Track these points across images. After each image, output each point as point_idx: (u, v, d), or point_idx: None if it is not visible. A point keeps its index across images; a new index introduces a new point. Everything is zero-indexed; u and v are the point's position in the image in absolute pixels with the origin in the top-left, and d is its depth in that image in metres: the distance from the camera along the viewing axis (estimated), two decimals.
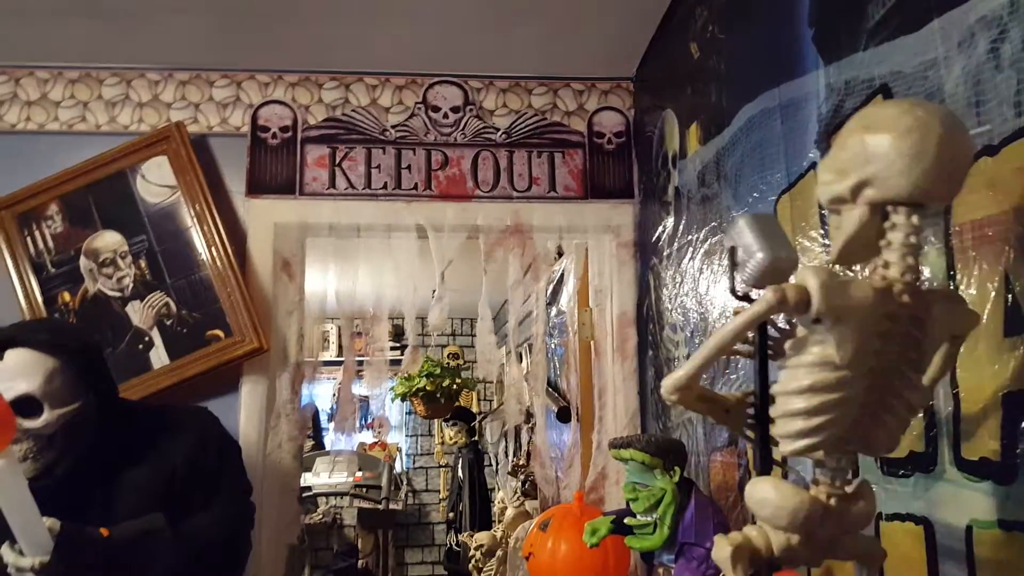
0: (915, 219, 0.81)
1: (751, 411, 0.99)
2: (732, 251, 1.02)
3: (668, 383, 0.91)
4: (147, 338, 2.50)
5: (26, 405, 1.65)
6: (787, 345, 0.90)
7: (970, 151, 0.84)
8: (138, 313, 2.51)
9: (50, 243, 2.56)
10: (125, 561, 1.69)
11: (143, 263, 2.55)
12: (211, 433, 1.98)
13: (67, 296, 2.53)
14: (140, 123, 2.68)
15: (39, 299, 2.51)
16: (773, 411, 0.90)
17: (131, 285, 2.54)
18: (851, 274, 1.17)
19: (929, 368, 0.93)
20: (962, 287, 1.04)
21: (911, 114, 0.80)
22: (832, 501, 0.88)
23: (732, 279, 1.03)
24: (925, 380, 0.93)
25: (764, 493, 0.89)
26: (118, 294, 2.54)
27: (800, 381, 0.86)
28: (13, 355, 1.68)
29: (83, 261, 2.55)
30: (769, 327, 1.00)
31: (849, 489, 0.91)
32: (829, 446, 0.87)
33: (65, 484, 1.71)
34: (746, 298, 1.06)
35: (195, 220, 2.55)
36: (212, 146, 2.69)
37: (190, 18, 2.43)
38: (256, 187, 2.67)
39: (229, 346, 2.49)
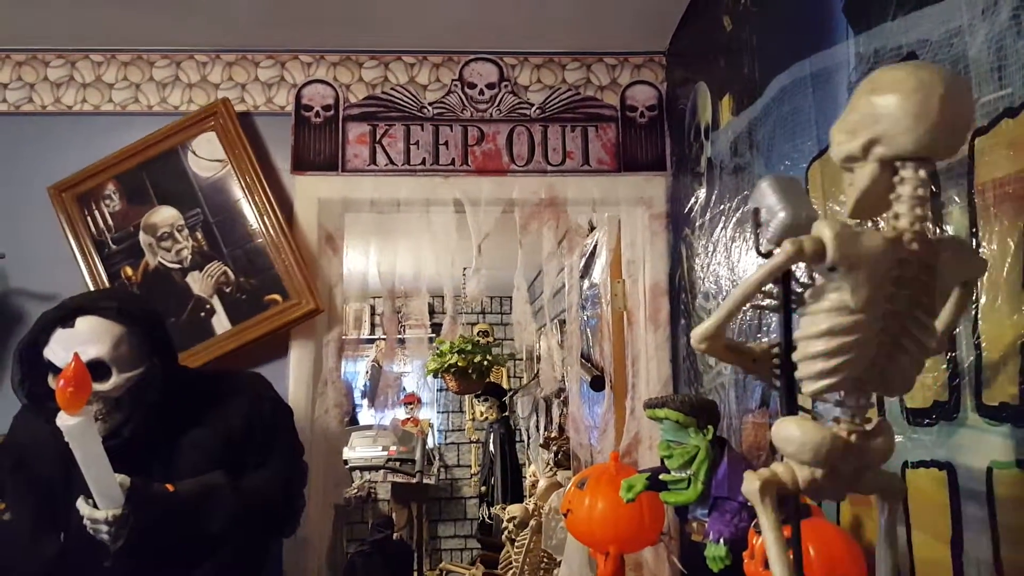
0: (922, 173, 0.88)
1: (776, 360, 1.07)
2: (756, 212, 1.09)
3: (697, 332, 0.98)
4: (208, 306, 2.61)
5: (96, 369, 1.71)
6: (807, 294, 0.97)
7: (971, 108, 0.90)
8: (198, 283, 2.62)
9: (109, 221, 2.67)
10: (189, 514, 1.79)
11: (199, 235, 2.66)
12: (265, 396, 2.07)
13: (129, 271, 2.65)
14: (190, 103, 2.78)
15: (103, 275, 2.63)
16: (795, 355, 0.97)
17: (189, 256, 2.65)
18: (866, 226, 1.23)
19: (942, 313, 1.00)
20: (984, 243, 1.10)
21: (915, 76, 0.86)
22: (852, 437, 0.94)
23: (757, 238, 1.10)
24: (940, 325, 0.99)
25: (789, 431, 0.96)
26: (178, 266, 2.65)
27: (819, 325, 0.92)
28: (84, 322, 1.76)
29: (142, 236, 2.66)
30: (794, 283, 1.07)
31: (868, 427, 0.97)
32: (848, 385, 0.94)
33: (131, 444, 1.78)
34: (770, 256, 1.13)
35: (246, 191, 2.65)
36: (258, 125, 2.79)
37: (236, 1, 2.51)
38: (300, 164, 2.76)
39: (288, 308, 2.60)
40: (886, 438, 0.98)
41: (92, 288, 2.59)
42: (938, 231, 1.19)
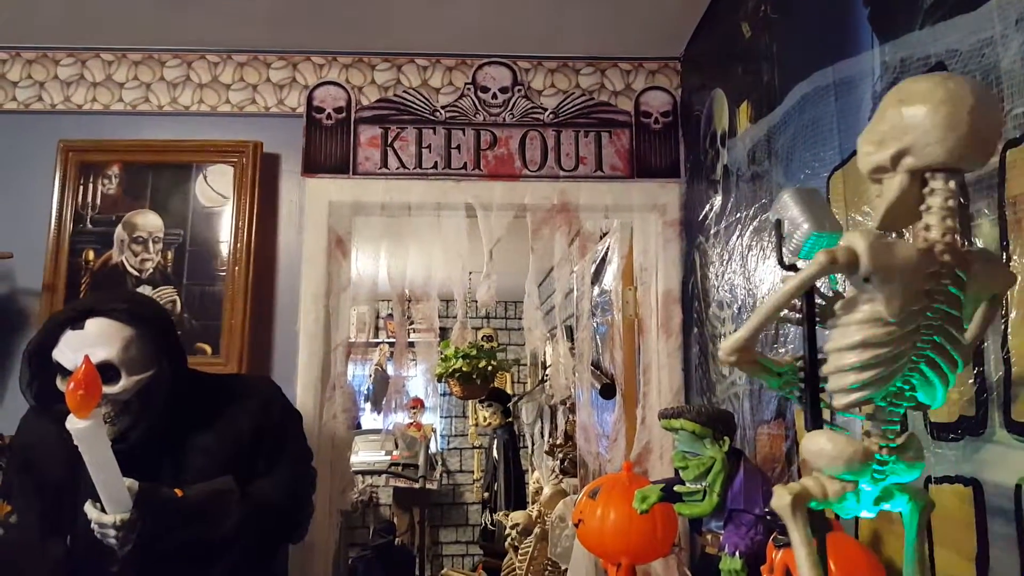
0: (952, 184, 0.87)
1: (800, 374, 1.05)
2: (778, 224, 1.08)
3: (726, 345, 0.96)
4: None
5: (105, 371, 1.69)
6: (837, 305, 0.95)
7: (1000, 118, 0.90)
8: None
9: (98, 200, 2.66)
10: (198, 519, 1.76)
11: (170, 255, 2.64)
12: (275, 400, 2.04)
13: (91, 255, 2.63)
14: (200, 104, 2.77)
15: (66, 245, 2.62)
16: (826, 368, 0.95)
17: (150, 270, 2.63)
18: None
19: (970, 326, 0.98)
20: (1015, 256, 1.08)
21: (944, 87, 0.85)
22: (883, 452, 0.93)
23: (779, 250, 1.09)
24: (967, 337, 0.97)
25: (820, 444, 0.94)
26: (136, 273, 2.63)
27: (852, 337, 0.91)
28: (94, 324, 1.74)
29: (119, 231, 2.65)
30: (816, 296, 1.05)
31: (899, 441, 0.96)
32: (879, 399, 0.92)
33: (140, 447, 1.76)
34: (793, 268, 1.11)
35: (232, 237, 2.64)
36: (269, 126, 2.77)
37: (248, 1, 2.50)
38: (311, 166, 2.75)
39: (210, 363, 2.51)
40: (915, 453, 0.96)
41: (50, 251, 2.59)
42: (967, 243, 1.17)
